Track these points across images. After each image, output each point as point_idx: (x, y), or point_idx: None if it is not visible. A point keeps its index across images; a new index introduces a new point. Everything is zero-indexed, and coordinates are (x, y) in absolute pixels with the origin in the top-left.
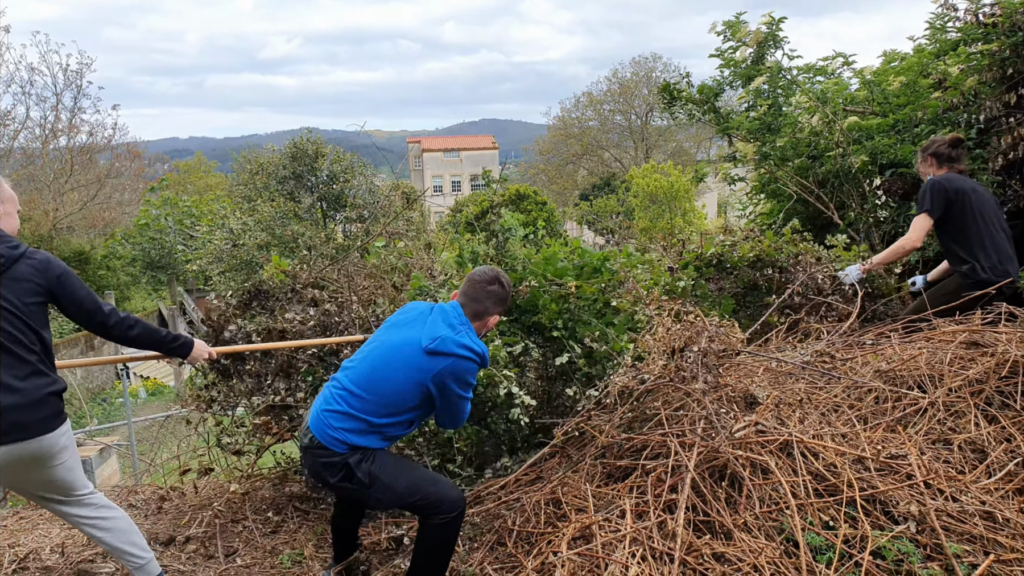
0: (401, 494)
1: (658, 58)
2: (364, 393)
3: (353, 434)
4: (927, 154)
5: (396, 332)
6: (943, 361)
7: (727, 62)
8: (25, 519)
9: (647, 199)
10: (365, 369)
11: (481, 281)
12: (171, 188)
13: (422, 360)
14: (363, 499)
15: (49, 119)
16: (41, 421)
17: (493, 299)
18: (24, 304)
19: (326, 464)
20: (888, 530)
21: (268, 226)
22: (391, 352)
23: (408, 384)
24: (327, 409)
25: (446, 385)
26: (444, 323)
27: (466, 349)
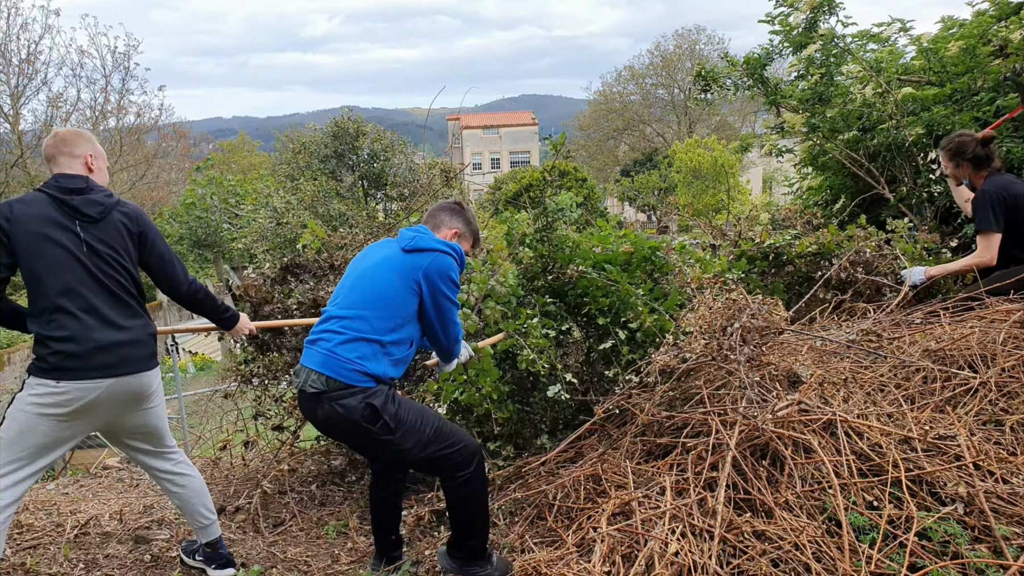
0: (426, 441)
1: (702, 30)
2: (364, 311)
3: (369, 360)
4: (963, 159)
5: (367, 259)
6: (996, 340)
7: (781, 27)
8: (85, 487)
9: (690, 175)
10: (356, 293)
11: (439, 203)
12: (216, 167)
13: (405, 260)
14: (384, 449)
15: (99, 101)
16: (144, 359)
17: (447, 212)
18: (122, 249)
19: (347, 407)
20: (935, 511)
21: (311, 204)
22: (374, 271)
23: (401, 285)
24: (335, 344)
25: (433, 282)
26: (410, 232)
27: (442, 244)
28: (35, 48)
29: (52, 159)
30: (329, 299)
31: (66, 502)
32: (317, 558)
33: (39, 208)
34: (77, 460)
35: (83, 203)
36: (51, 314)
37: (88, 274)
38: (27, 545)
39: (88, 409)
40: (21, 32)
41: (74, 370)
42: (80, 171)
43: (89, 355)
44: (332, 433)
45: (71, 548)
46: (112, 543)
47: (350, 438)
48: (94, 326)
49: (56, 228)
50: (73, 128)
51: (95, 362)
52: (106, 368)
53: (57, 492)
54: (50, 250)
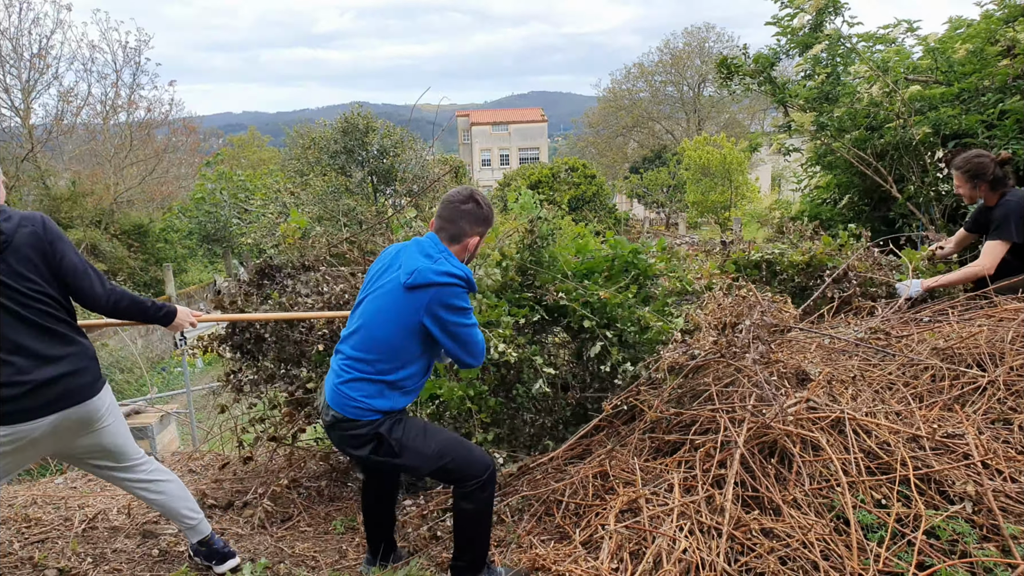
0: (432, 457)
1: (711, 28)
2: (368, 355)
3: (374, 398)
4: (982, 181)
5: (378, 281)
6: (1004, 339)
7: (784, 29)
8: (93, 481)
9: (699, 172)
10: (361, 331)
11: (454, 201)
12: (226, 162)
13: (406, 299)
14: (393, 469)
15: (109, 95)
16: (86, 386)
17: (469, 218)
18: (36, 275)
19: (354, 437)
20: (943, 510)
21: (320, 200)
22: (378, 303)
23: (404, 331)
24: (341, 382)
25: (438, 317)
26: (420, 254)
27: (446, 275)
28: (46, 43)
29: None
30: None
31: (74, 496)
32: (325, 554)
33: None
34: None
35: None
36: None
37: (6, 312)
38: (35, 539)
39: (32, 444)
40: (33, 27)
41: (13, 413)
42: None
43: (26, 397)
44: (347, 455)
45: (79, 542)
46: (120, 537)
47: (362, 461)
48: (26, 367)
49: None
50: None
51: (35, 402)
52: (47, 406)
53: (65, 486)
54: None
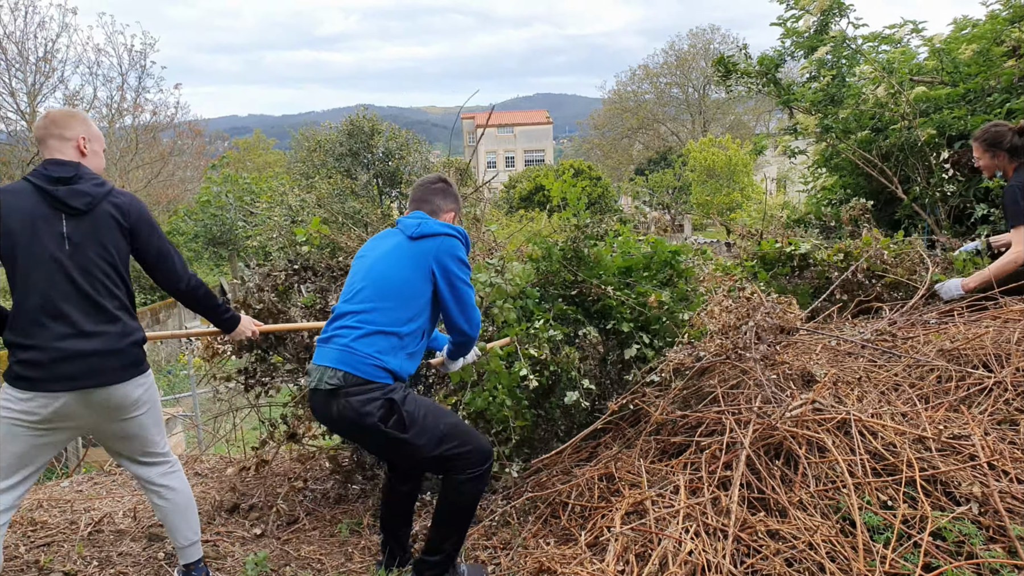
0: (437, 439)
1: (716, 29)
2: (379, 303)
3: (387, 355)
4: (1000, 149)
5: (374, 251)
6: (1010, 340)
7: (789, 31)
8: (99, 484)
9: (704, 173)
10: (369, 285)
11: (425, 182)
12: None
13: (415, 248)
14: (396, 447)
15: (115, 99)
16: (116, 370)
17: (440, 195)
18: (111, 244)
19: (363, 402)
20: (949, 511)
21: (326, 203)
22: (384, 262)
23: (414, 273)
24: (352, 339)
25: (446, 267)
26: (414, 218)
27: (447, 227)
28: (52, 46)
29: (42, 142)
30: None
31: (80, 499)
32: (330, 556)
33: (24, 200)
34: (92, 457)
35: (68, 194)
36: (21, 319)
37: (65, 276)
38: (41, 543)
39: (60, 419)
40: (38, 30)
41: (37, 380)
42: (71, 156)
43: (51, 365)
44: (344, 431)
45: (85, 546)
46: (126, 541)
47: (363, 435)
48: (61, 334)
49: (39, 223)
50: (67, 109)
51: (57, 373)
52: (69, 380)
53: (71, 489)
54: (30, 248)
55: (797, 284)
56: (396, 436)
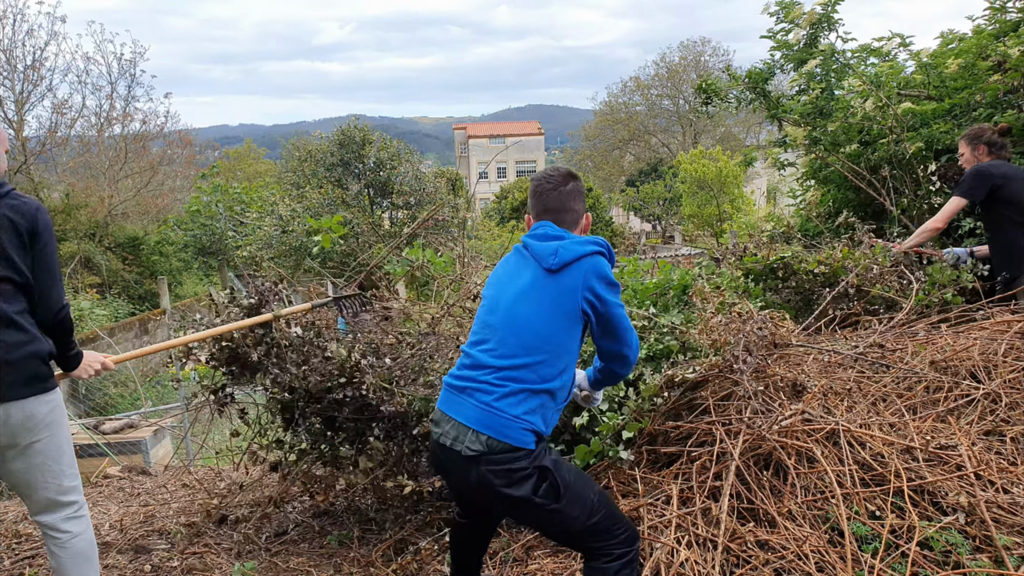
0: (591, 508)
1: (707, 42)
2: (526, 358)
3: (535, 415)
4: (980, 142)
5: (509, 285)
6: (997, 352)
7: (779, 44)
8: (85, 496)
9: (695, 185)
10: (510, 335)
11: (556, 185)
12: (221, 175)
13: (555, 284)
14: (545, 518)
15: (104, 108)
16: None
17: (578, 198)
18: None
19: (512, 471)
20: (936, 521)
21: (316, 213)
22: (525, 303)
23: (564, 319)
24: (496, 397)
25: (598, 295)
26: (546, 240)
27: (590, 244)
28: (40, 54)
29: None
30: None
31: None
32: (320, 568)
33: None
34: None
35: None
36: None
37: None
38: (25, 555)
39: None
40: (27, 39)
41: None
42: None
43: None
44: (480, 497)
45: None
46: (112, 553)
47: (504, 504)
48: None
49: None
50: None
51: None
52: None
53: None
54: None
55: (787, 296)
56: (548, 507)
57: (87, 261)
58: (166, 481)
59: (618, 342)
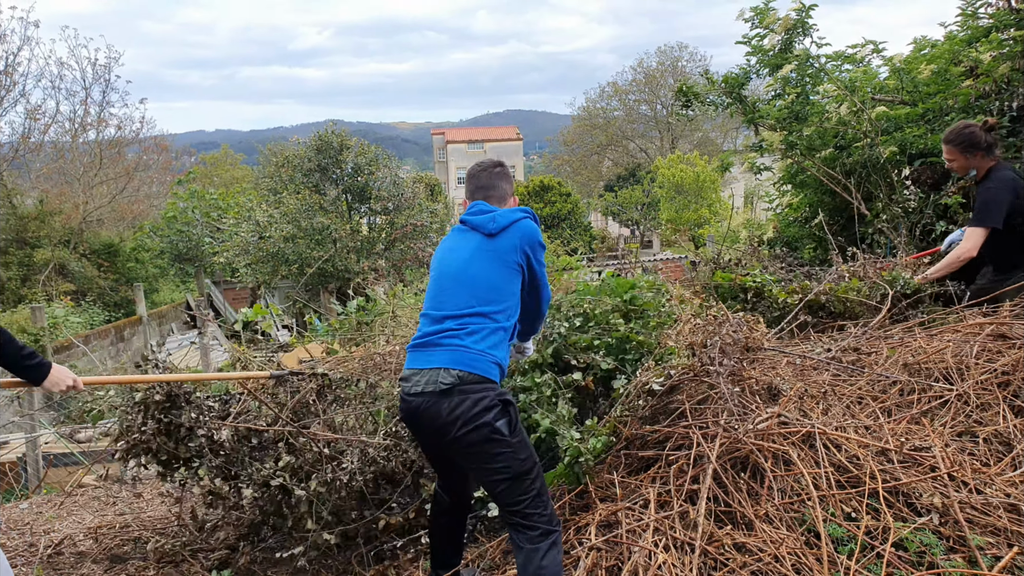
0: (529, 460)
1: (684, 47)
2: (482, 306)
3: (498, 350)
4: (976, 150)
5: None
6: (970, 354)
7: (754, 50)
8: (60, 506)
9: (673, 190)
10: (464, 290)
11: (486, 168)
12: (198, 181)
13: (499, 244)
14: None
15: (78, 113)
16: None
17: (504, 178)
18: None
19: (479, 400)
20: (911, 522)
21: (294, 218)
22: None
23: (507, 271)
24: (463, 338)
25: (532, 253)
26: (482, 214)
27: (518, 211)
28: (13, 60)
29: None
30: (424, 303)
31: (39, 522)
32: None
33: None
34: (52, 479)
35: None
36: None
37: None
38: None
39: None
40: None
41: None
42: None
43: None
44: (445, 433)
45: (44, 569)
46: (87, 563)
47: (466, 444)
48: None
49: None
50: None
51: None
52: None
53: (31, 511)
54: None
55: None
56: (503, 439)
57: (61, 268)
58: (142, 490)
59: (537, 294)
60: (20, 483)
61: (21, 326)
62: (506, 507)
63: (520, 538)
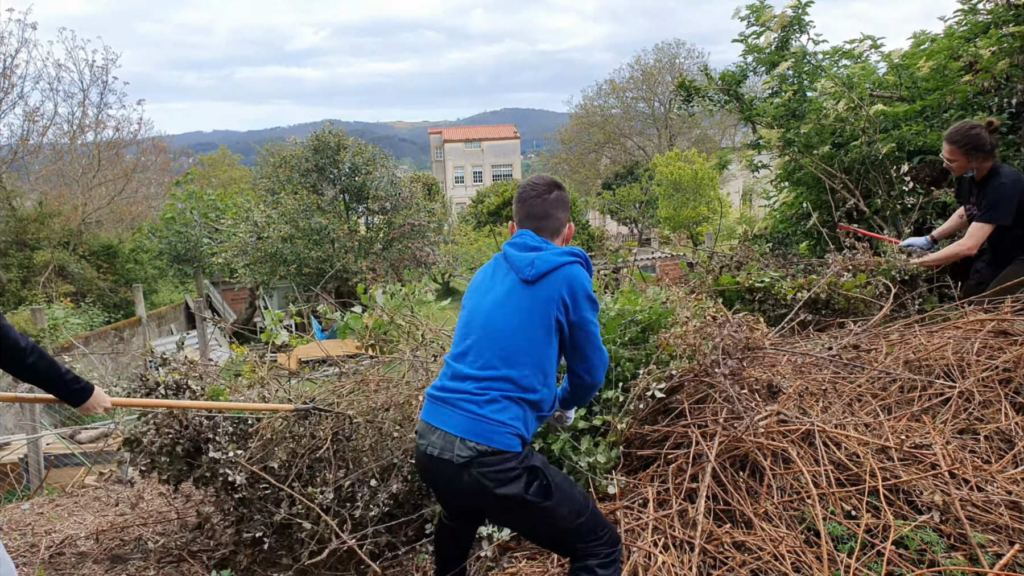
0: (577, 508)
1: (681, 44)
2: (506, 370)
3: (520, 422)
4: (979, 153)
5: (487, 293)
6: (971, 351)
7: (750, 48)
8: (61, 507)
9: (671, 187)
10: (489, 344)
11: (540, 193)
12: (196, 182)
13: (535, 295)
14: (534, 519)
15: (76, 115)
16: None
17: (561, 206)
18: None
19: (502, 472)
20: (911, 520)
21: (292, 218)
22: (502, 314)
23: (540, 327)
24: (482, 404)
25: (576, 307)
26: (524, 250)
27: (567, 255)
28: (11, 62)
29: None
30: (451, 343)
31: (41, 522)
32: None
33: None
34: (53, 479)
35: None
36: None
37: None
38: None
39: None
40: None
41: None
42: None
43: None
44: (472, 501)
45: (45, 569)
46: (88, 563)
47: (496, 505)
48: None
49: None
50: None
51: None
52: None
53: (32, 512)
54: None
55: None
56: (540, 505)
57: (61, 270)
58: (143, 490)
59: (584, 360)
60: (22, 484)
61: (22, 328)
62: (558, 552)
63: (578, 564)
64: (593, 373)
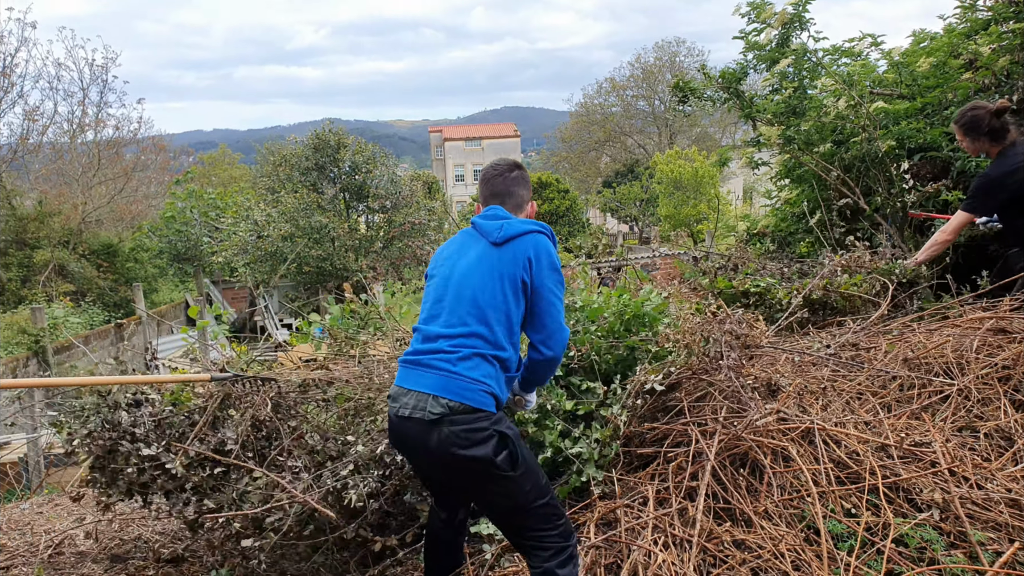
0: (541, 488)
1: (681, 42)
2: (478, 326)
3: (493, 380)
4: (978, 135)
5: (458, 259)
6: (970, 348)
7: (751, 45)
8: (60, 506)
9: (671, 186)
10: (461, 304)
11: (502, 172)
12: (196, 180)
13: (502, 256)
14: (496, 488)
15: (76, 114)
16: None
17: (522, 183)
18: None
19: (473, 431)
20: (911, 518)
21: (292, 217)
22: (473, 275)
23: (512, 287)
24: (454, 363)
25: (539, 272)
26: (494, 219)
27: (532, 223)
28: (11, 61)
29: None
30: (420, 310)
31: (40, 521)
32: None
33: None
34: (53, 479)
35: None
36: None
37: None
38: (0, 565)
39: None
40: None
41: None
42: None
43: None
44: (439, 462)
45: (44, 568)
46: (87, 562)
47: (462, 469)
48: None
49: None
50: None
51: None
52: None
53: (31, 511)
54: None
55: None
56: (504, 473)
57: (61, 269)
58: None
59: (543, 329)
60: (21, 483)
61: (21, 327)
62: (512, 535)
63: (533, 560)
64: (550, 344)
